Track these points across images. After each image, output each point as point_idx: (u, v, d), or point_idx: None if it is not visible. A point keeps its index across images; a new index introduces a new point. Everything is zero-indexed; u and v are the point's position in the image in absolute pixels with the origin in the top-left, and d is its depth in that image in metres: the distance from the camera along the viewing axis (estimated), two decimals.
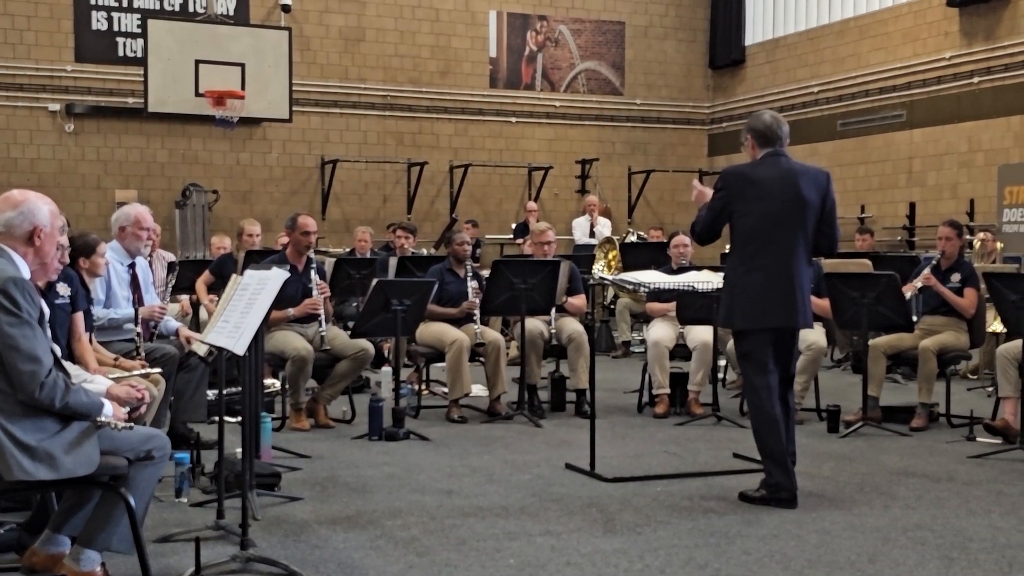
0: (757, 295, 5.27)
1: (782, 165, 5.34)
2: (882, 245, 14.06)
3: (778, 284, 5.26)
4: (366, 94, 16.57)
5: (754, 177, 5.32)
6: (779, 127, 5.37)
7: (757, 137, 5.39)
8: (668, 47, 18.37)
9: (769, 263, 5.27)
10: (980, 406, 7.83)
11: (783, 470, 5.25)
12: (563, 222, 15.83)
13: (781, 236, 5.26)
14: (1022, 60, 13.35)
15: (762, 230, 5.27)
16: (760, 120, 5.41)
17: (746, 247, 5.33)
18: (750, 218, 5.28)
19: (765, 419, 5.29)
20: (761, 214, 5.26)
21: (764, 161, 5.36)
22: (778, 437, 5.26)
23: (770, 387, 5.30)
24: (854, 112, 15.83)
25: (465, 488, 5.62)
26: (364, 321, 7.28)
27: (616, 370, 10.30)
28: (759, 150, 5.39)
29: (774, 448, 5.26)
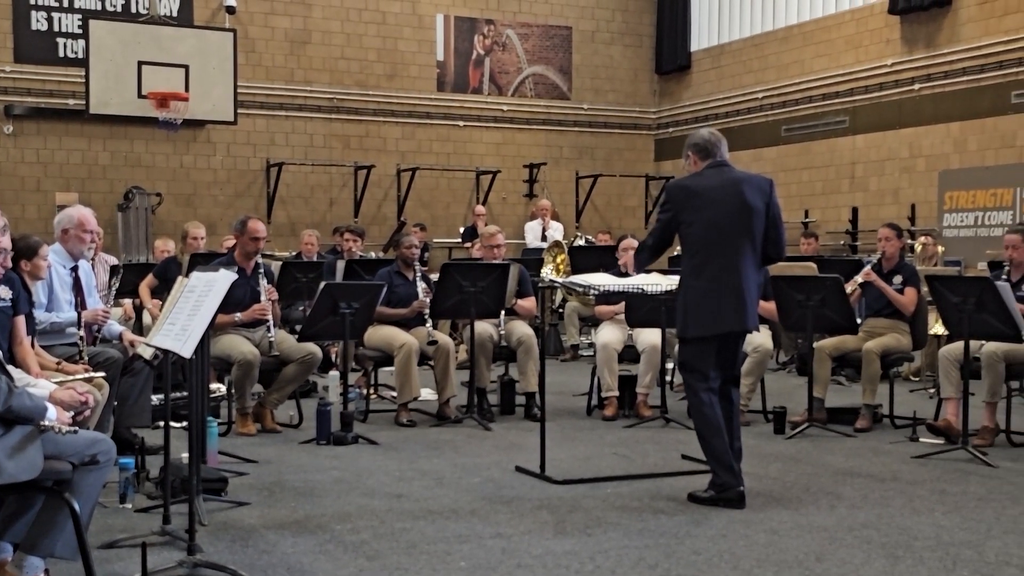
0: (707, 302, 5.32)
1: (725, 174, 5.42)
2: (826, 249, 14.23)
3: (727, 290, 5.31)
4: (312, 97, 16.46)
5: (698, 188, 5.40)
6: (718, 140, 5.49)
7: (698, 152, 5.49)
8: (615, 52, 18.47)
9: (718, 270, 5.32)
10: (923, 407, 7.95)
11: (729, 471, 5.30)
12: (511, 226, 15.85)
13: (728, 243, 5.32)
14: (962, 68, 13.60)
15: (709, 238, 5.33)
16: (699, 135, 5.53)
17: (695, 256, 5.39)
18: (697, 228, 5.34)
19: (707, 423, 5.35)
20: (707, 223, 5.32)
21: (707, 172, 5.44)
22: (721, 439, 5.32)
23: (711, 393, 5.36)
24: (798, 118, 16.02)
25: (415, 492, 5.60)
26: (312, 325, 7.23)
27: (565, 373, 10.33)
28: (701, 163, 5.47)
29: (718, 450, 5.32)
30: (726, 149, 5.50)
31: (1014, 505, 5.34)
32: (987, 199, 13.24)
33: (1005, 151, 13.09)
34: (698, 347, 5.39)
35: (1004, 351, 6.77)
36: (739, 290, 5.32)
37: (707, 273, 5.33)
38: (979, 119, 13.38)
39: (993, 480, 5.90)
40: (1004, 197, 13.05)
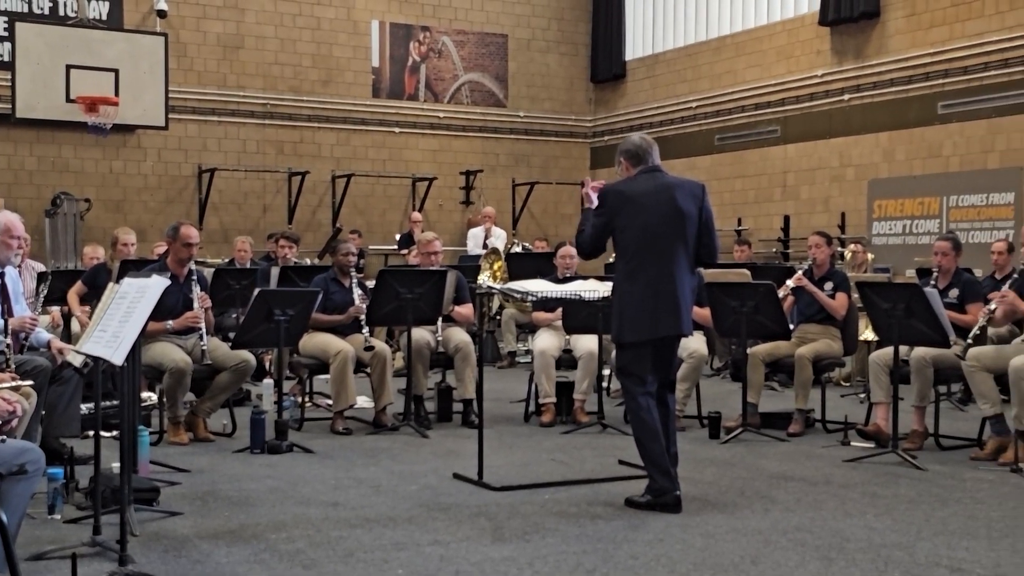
0: (643, 307, 5.35)
1: (658, 180, 5.46)
2: (759, 256, 14.42)
3: (661, 294, 5.35)
4: (245, 102, 16.29)
5: (631, 193, 5.44)
6: (649, 145, 5.53)
7: (630, 158, 5.53)
8: (551, 60, 18.55)
9: (651, 275, 5.36)
10: (854, 411, 8.08)
11: (666, 476, 5.33)
12: (448, 233, 15.83)
13: (661, 247, 5.37)
14: (890, 79, 13.86)
15: (643, 243, 5.37)
16: (630, 142, 5.58)
17: (629, 261, 5.42)
18: (630, 232, 5.38)
19: (645, 428, 5.38)
20: (641, 228, 5.36)
21: (640, 177, 5.48)
22: (659, 444, 5.35)
23: (649, 397, 5.39)
24: (731, 127, 16.21)
25: (351, 500, 5.55)
26: (246, 332, 7.14)
27: (502, 380, 10.33)
28: (633, 169, 5.52)
29: (656, 455, 5.35)
30: (658, 154, 5.56)
31: (943, 507, 5.44)
32: (915, 208, 13.51)
33: (932, 161, 13.37)
34: (635, 352, 5.42)
35: (932, 356, 6.91)
36: (674, 295, 5.36)
37: (641, 278, 5.37)
38: (907, 129, 13.65)
39: (922, 483, 6.01)
40: (931, 206, 13.32)
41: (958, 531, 4.96)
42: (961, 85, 13.03)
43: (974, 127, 12.89)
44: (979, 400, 6.67)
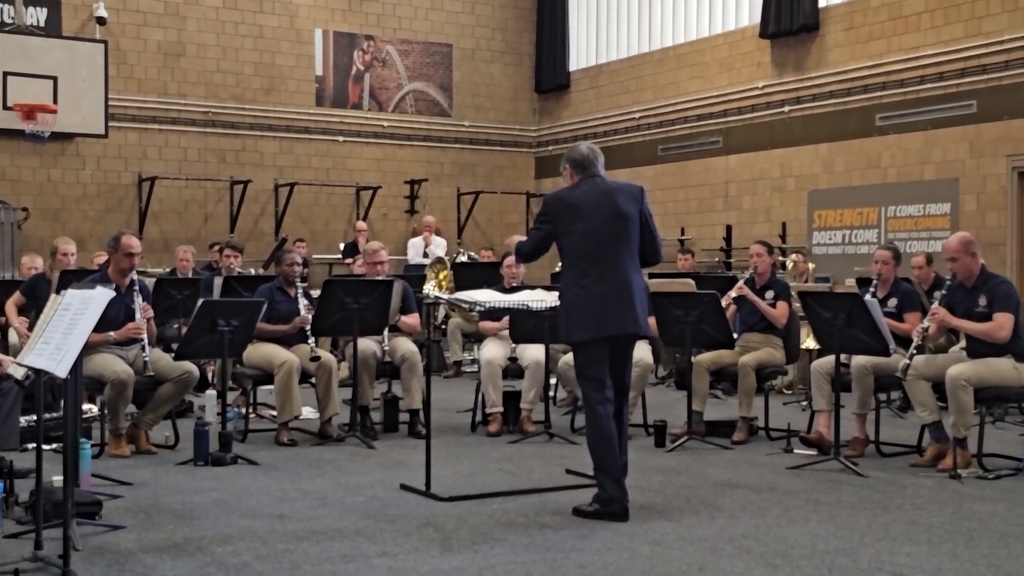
0: (591, 306, 5.40)
1: (599, 185, 5.56)
2: (702, 266, 14.56)
3: (611, 293, 5.41)
4: (186, 110, 16.14)
5: (573, 199, 5.53)
6: (595, 156, 5.63)
7: (575, 166, 5.62)
8: (495, 70, 18.60)
9: (599, 276, 5.42)
10: (796, 419, 8.18)
11: (616, 484, 5.36)
12: (392, 242, 15.76)
13: (607, 250, 5.44)
14: (829, 91, 14.09)
15: (588, 246, 5.44)
16: (577, 151, 5.67)
17: (576, 265, 5.48)
18: (575, 237, 5.46)
19: (601, 435, 5.40)
20: (585, 232, 5.44)
21: (581, 184, 5.58)
22: (613, 452, 5.38)
23: (607, 403, 5.42)
24: (674, 138, 16.37)
25: (297, 512, 5.51)
26: (188, 343, 7.06)
27: (448, 390, 10.32)
28: (577, 177, 5.61)
29: (609, 463, 5.38)
30: (602, 164, 5.66)
31: (884, 513, 5.53)
32: (854, 218, 13.74)
33: (871, 171, 13.60)
34: (591, 353, 5.46)
35: (873, 364, 7.02)
36: (624, 294, 5.43)
37: (589, 279, 5.43)
38: (846, 140, 13.88)
39: (864, 489, 6.10)
40: (870, 216, 13.55)
41: (899, 537, 5.05)
42: (898, 97, 13.28)
43: (911, 139, 13.14)
44: (918, 408, 6.78)
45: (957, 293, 6.77)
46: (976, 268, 6.64)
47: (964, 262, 6.63)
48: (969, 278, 6.66)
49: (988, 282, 6.65)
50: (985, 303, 6.58)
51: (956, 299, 6.76)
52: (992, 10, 12.33)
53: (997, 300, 6.54)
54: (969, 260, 6.63)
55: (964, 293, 6.72)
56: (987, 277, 6.68)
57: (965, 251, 6.63)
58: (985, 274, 6.68)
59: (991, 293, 6.57)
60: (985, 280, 6.66)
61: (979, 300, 6.61)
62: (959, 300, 6.74)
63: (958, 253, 6.64)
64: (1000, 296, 6.55)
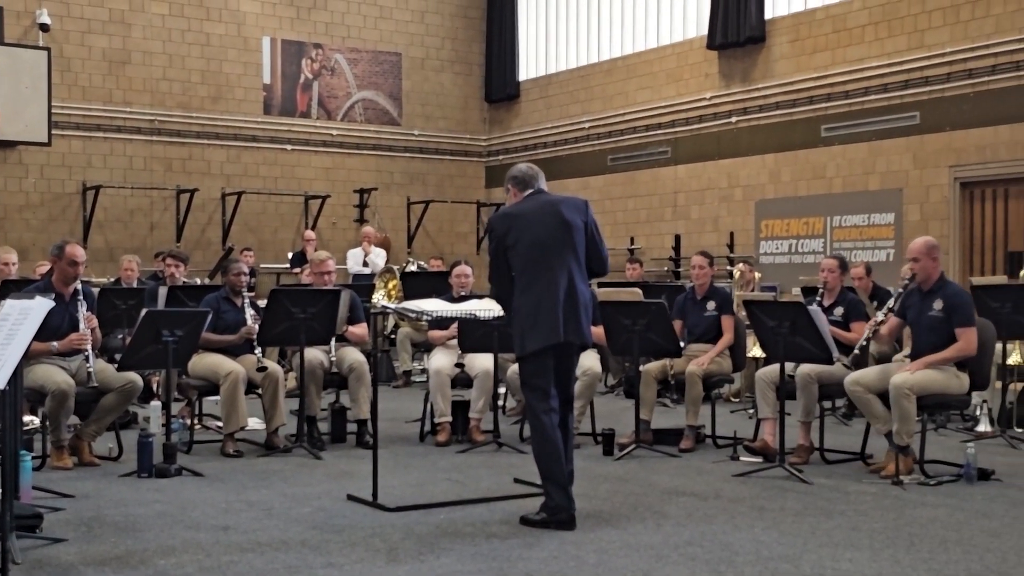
0: (543, 315, 5.43)
1: (543, 198, 5.64)
2: (651, 275, 14.65)
3: (557, 303, 5.44)
4: (132, 118, 15.97)
5: (518, 211, 5.60)
6: (536, 173, 5.72)
7: (517, 184, 5.69)
8: (445, 79, 18.61)
9: (546, 285, 5.46)
10: (742, 427, 8.25)
11: (563, 493, 5.38)
12: (342, 251, 15.68)
13: (553, 259, 5.48)
14: (775, 102, 14.26)
15: (535, 256, 5.48)
16: (518, 169, 5.76)
17: (523, 275, 5.51)
18: (521, 247, 5.50)
19: (547, 444, 5.42)
20: (531, 242, 5.48)
21: (526, 199, 5.65)
22: (559, 461, 5.40)
23: (552, 412, 5.44)
24: (623, 148, 16.47)
25: (242, 523, 5.46)
26: (133, 353, 6.96)
27: (397, 399, 10.28)
28: (520, 194, 5.68)
29: (555, 472, 5.39)
30: (544, 181, 5.74)
31: (828, 520, 5.58)
32: (800, 227, 13.90)
33: (816, 182, 13.78)
34: (537, 362, 5.48)
35: (817, 373, 7.10)
36: (571, 303, 5.46)
37: (537, 289, 5.46)
38: (792, 151, 14.06)
39: (808, 496, 6.16)
40: (816, 226, 13.72)
41: (842, 543, 5.10)
42: (843, 109, 13.47)
43: (856, 149, 13.34)
44: (872, 421, 6.83)
45: (912, 297, 6.89)
46: (935, 273, 6.78)
47: (925, 264, 6.76)
48: (926, 281, 6.78)
49: (945, 289, 6.76)
50: (940, 307, 6.69)
51: (909, 303, 6.89)
52: (934, 23, 12.56)
53: (958, 314, 6.64)
54: (931, 264, 6.76)
55: (919, 297, 6.83)
56: (944, 283, 6.80)
57: (928, 254, 6.77)
58: (943, 280, 6.81)
59: (950, 302, 6.67)
60: (942, 286, 6.77)
61: (934, 304, 6.72)
62: (912, 304, 6.87)
63: (921, 255, 6.77)
64: (960, 308, 6.66)
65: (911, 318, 6.87)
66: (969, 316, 6.68)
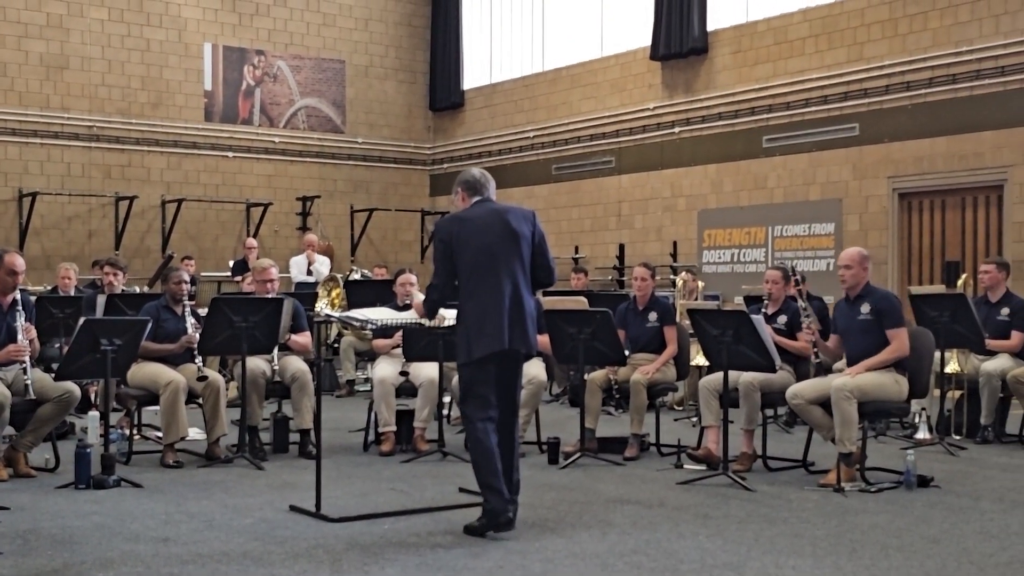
0: (485, 322, 5.42)
1: (490, 206, 5.64)
2: (595, 284, 14.70)
3: (503, 310, 5.43)
4: (70, 124, 15.72)
5: (466, 216, 5.59)
6: (486, 180, 5.72)
7: (467, 188, 5.68)
8: (389, 87, 18.55)
9: (492, 292, 5.45)
10: (686, 435, 8.29)
11: (500, 497, 5.37)
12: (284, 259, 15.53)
13: (499, 266, 5.47)
14: (718, 113, 14.40)
15: (480, 263, 5.47)
16: (470, 173, 5.75)
17: (468, 282, 5.50)
18: (468, 254, 5.48)
19: (484, 452, 5.42)
20: (477, 249, 5.47)
21: (473, 206, 5.64)
22: (494, 467, 5.39)
23: (488, 422, 5.43)
24: (567, 157, 16.52)
25: (183, 535, 5.37)
26: (70, 363, 6.83)
27: (340, 409, 10.20)
28: (469, 199, 5.67)
29: (491, 477, 5.39)
30: (494, 189, 5.74)
31: (771, 527, 5.62)
32: (742, 237, 14.04)
33: (758, 192, 13.92)
34: (480, 370, 5.46)
35: (760, 381, 7.16)
36: (517, 312, 5.46)
37: (482, 295, 5.45)
38: (734, 162, 14.20)
39: (752, 504, 6.20)
40: (757, 235, 13.86)
41: (785, 549, 5.14)
42: (784, 120, 13.64)
43: (796, 160, 13.50)
44: (817, 430, 6.90)
45: (840, 307, 7.09)
46: (863, 280, 6.99)
47: (856, 272, 6.95)
48: (854, 288, 6.96)
49: (872, 293, 6.94)
50: (868, 311, 6.84)
51: (839, 312, 7.09)
52: (873, 36, 12.76)
53: (887, 316, 6.81)
54: (861, 272, 6.96)
55: (847, 305, 7.01)
56: (870, 289, 7.00)
57: (860, 263, 6.97)
58: (868, 287, 7.01)
59: (877, 306, 6.84)
60: (869, 291, 6.96)
61: (862, 308, 6.88)
62: (841, 312, 7.07)
63: (853, 262, 6.97)
64: (888, 311, 6.84)
65: (841, 327, 7.03)
66: (898, 317, 6.86)
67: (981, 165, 11.78)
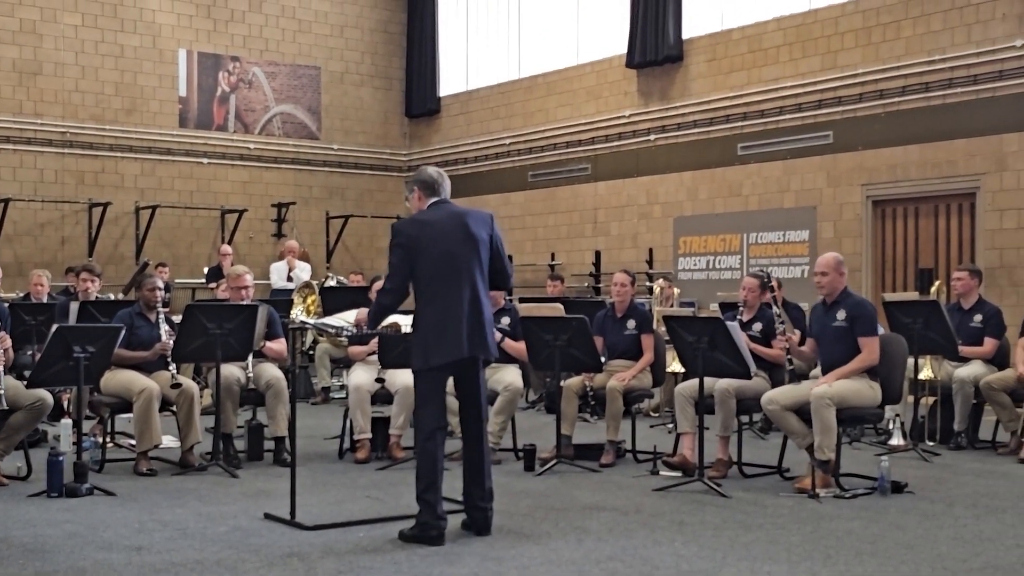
0: (444, 330, 5.41)
1: (448, 209, 5.60)
2: (571, 291, 14.70)
3: (462, 316, 5.42)
4: (43, 130, 15.60)
5: (428, 220, 5.55)
6: (442, 179, 5.66)
7: (424, 188, 5.63)
8: (364, 94, 18.51)
9: (454, 297, 5.44)
10: (662, 441, 8.30)
11: (432, 512, 5.36)
12: (259, 266, 15.48)
13: (459, 272, 5.46)
14: (693, 120, 14.44)
15: (440, 269, 5.45)
16: (426, 173, 5.68)
17: (427, 287, 5.49)
18: (428, 257, 5.46)
19: (429, 461, 5.41)
20: (437, 254, 5.45)
21: (431, 209, 5.59)
22: (434, 480, 5.38)
23: (439, 430, 5.44)
24: (543, 164, 16.54)
25: (156, 544, 5.33)
26: (42, 370, 6.77)
27: (316, 416, 10.16)
28: (426, 200, 5.62)
29: (427, 491, 5.38)
30: (449, 188, 5.67)
31: (747, 533, 5.64)
32: (717, 244, 14.09)
33: (733, 199, 13.98)
34: (437, 378, 5.46)
35: (735, 387, 7.18)
36: (479, 316, 5.44)
37: (441, 302, 5.43)
38: (709, 169, 14.24)
39: (727, 510, 6.21)
40: (733, 242, 13.91)
41: (760, 556, 5.15)
42: (758, 128, 13.70)
43: (771, 168, 13.56)
44: (791, 437, 6.92)
45: (816, 311, 7.15)
46: (840, 286, 7.04)
47: (833, 278, 7.02)
48: (831, 294, 7.01)
49: (848, 299, 6.99)
50: (843, 317, 6.89)
51: (815, 316, 7.16)
52: (847, 44, 12.84)
53: (860, 323, 6.85)
54: (837, 278, 7.03)
55: (823, 310, 7.06)
56: (847, 295, 7.04)
57: (836, 269, 7.04)
58: (846, 292, 7.06)
59: (852, 312, 6.88)
60: (845, 297, 7.01)
61: (837, 314, 6.93)
62: (817, 317, 7.12)
63: (829, 268, 7.04)
64: (862, 318, 6.87)
65: (816, 331, 7.10)
66: (871, 326, 6.89)
67: (954, 173, 11.87)
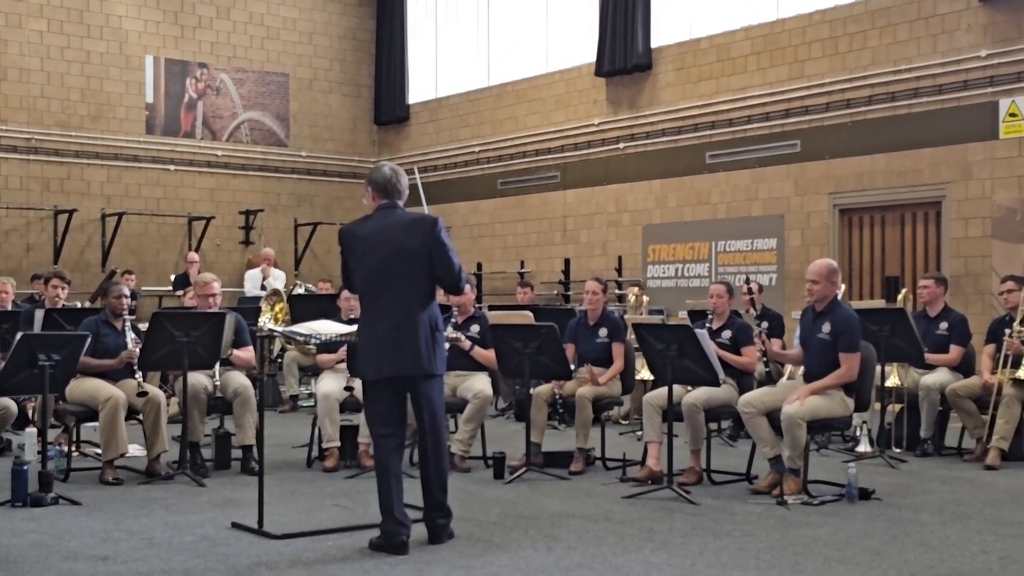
0: (371, 348, 5.43)
1: (388, 218, 5.51)
2: (541, 298, 14.71)
3: (389, 333, 5.39)
4: (7, 136, 15.45)
5: (360, 233, 5.54)
6: (397, 180, 5.56)
7: (377, 189, 5.58)
8: (333, 101, 18.46)
9: (379, 316, 5.43)
10: (631, 448, 8.31)
11: (393, 520, 5.35)
12: (226, 273, 15.43)
13: (385, 291, 5.43)
14: (662, 129, 14.50)
15: (371, 284, 5.46)
16: (380, 172, 5.61)
17: (363, 301, 5.55)
18: (360, 273, 5.49)
19: (380, 469, 5.42)
20: (368, 269, 5.46)
21: (375, 215, 5.55)
22: (388, 488, 5.37)
23: (388, 440, 5.43)
24: (513, 172, 16.54)
25: (122, 553, 5.27)
26: (7, 378, 6.70)
27: (284, 425, 10.10)
28: (377, 200, 5.57)
29: (384, 498, 5.38)
30: (406, 184, 5.59)
31: (716, 539, 5.65)
32: (686, 252, 14.14)
33: (701, 207, 14.04)
34: (373, 391, 5.47)
35: (703, 400, 7.21)
36: (405, 333, 5.37)
37: (370, 319, 5.47)
38: (678, 177, 14.29)
39: (696, 517, 6.22)
40: (701, 250, 13.97)
41: (730, 562, 5.16)
42: (727, 136, 13.77)
43: (739, 176, 13.64)
44: (759, 444, 6.96)
45: (806, 317, 7.11)
46: (831, 295, 6.99)
47: (824, 286, 6.96)
48: (821, 302, 6.97)
49: (835, 312, 6.93)
50: (828, 331, 6.87)
51: (804, 323, 7.13)
52: (814, 54, 12.94)
53: (843, 339, 6.80)
54: (829, 286, 6.97)
55: (812, 317, 7.02)
56: (836, 306, 6.99)
57: (828, 278, 6.97)
58: (835, 303, 7.01)
59: (837, 327, 6.84)
60: (833, 308, 6.95)
61: (823, 327, 6.90)
62: (806, 323, 7.09)
63: (821, 277, 6.96)
64: (846, 333, 6.82)
65: (803, 336, 7.08)
66: (854, 342, 6.83)
67: (920, 182, 11.98)
